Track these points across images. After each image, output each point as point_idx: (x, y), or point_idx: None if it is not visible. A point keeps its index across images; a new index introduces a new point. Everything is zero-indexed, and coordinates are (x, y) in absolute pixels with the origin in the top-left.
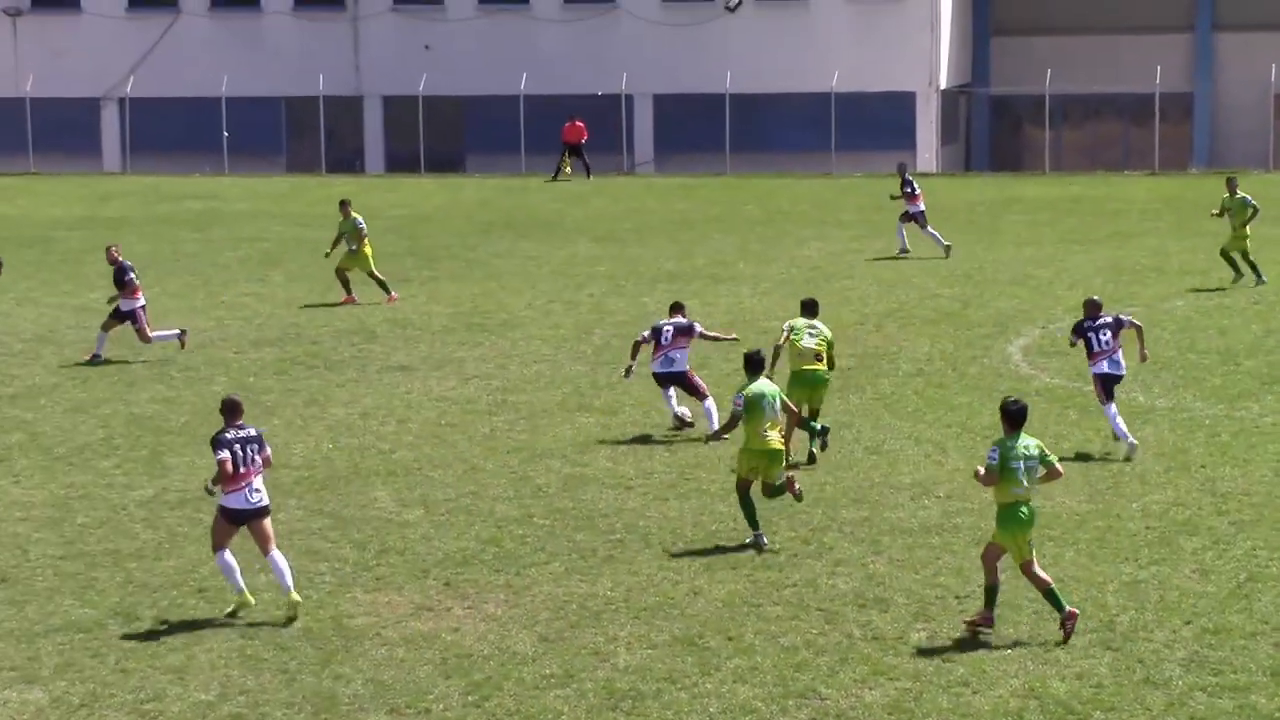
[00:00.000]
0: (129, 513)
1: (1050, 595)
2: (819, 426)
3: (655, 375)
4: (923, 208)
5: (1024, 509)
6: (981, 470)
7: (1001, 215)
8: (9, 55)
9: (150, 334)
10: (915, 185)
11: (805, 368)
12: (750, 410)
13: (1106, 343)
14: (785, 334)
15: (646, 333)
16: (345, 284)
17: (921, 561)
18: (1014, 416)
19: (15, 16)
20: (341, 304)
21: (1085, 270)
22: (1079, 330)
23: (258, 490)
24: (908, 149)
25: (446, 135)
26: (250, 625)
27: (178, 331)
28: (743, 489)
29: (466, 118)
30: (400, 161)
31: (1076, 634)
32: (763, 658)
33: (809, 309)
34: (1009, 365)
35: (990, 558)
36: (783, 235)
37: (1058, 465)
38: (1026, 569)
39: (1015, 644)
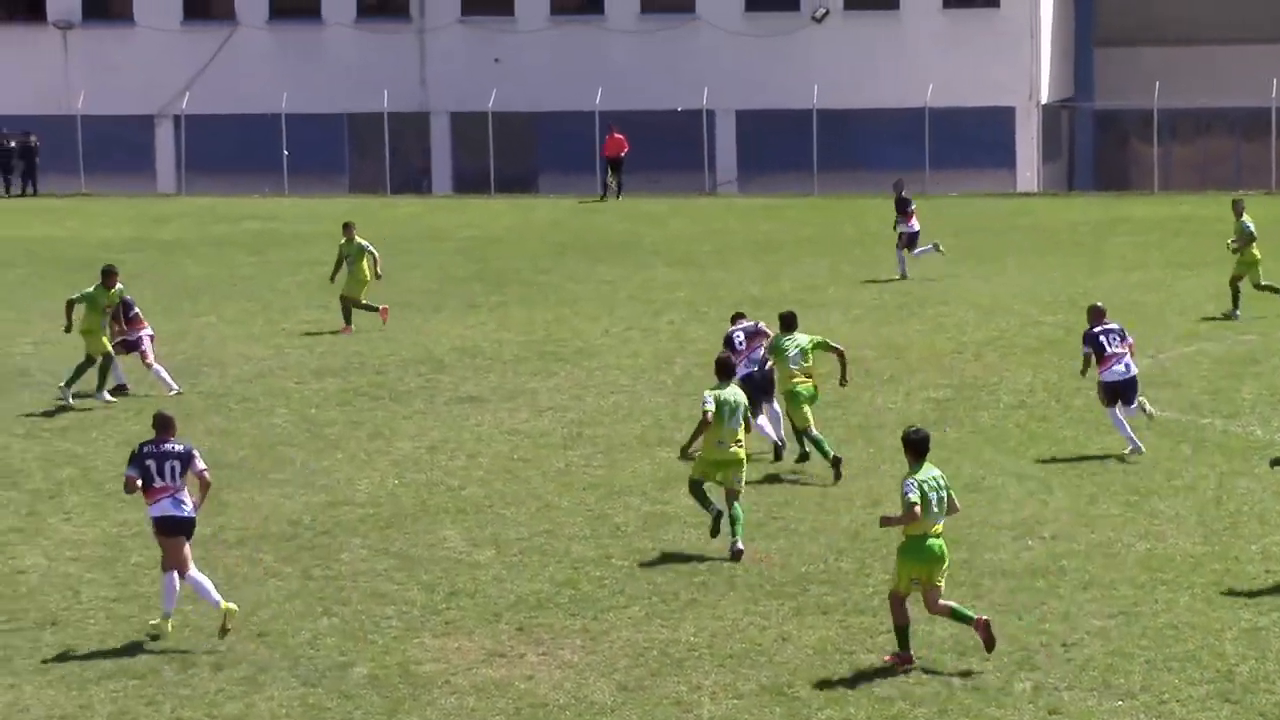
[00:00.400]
0: None
1: (902, 632)
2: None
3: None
4: (916, 229)
5: (932, 541)
6: (894, 515)
7: (1107, 237)
8: (59, 71)
9: (153, 362)
10: (911, 204)
11: (798, 386)
12: (714, 415)
13: (1116, 345)
14: (770, 353)
15: (726, 349)
16: (368, 308)
17: (1025, 606)
18: (918, 446)
19: (66, 30)
20: (383, 324)
21: (1196, 295)
22: (1089, 339)
23: (179, 503)
24: (1007, 167)
25: (517, 153)
26: (313, 672)
27: (176, 388)
28: (694, 484)
29: (538, 134)
30: (469, 181)
31: (1193, 684)
32: (856, 709)
33: (788, 324)
34: None
35: (895, 600)
36: (875, 258)
37: (957, 501)
38: (895, 597)
39: (1127, 695)
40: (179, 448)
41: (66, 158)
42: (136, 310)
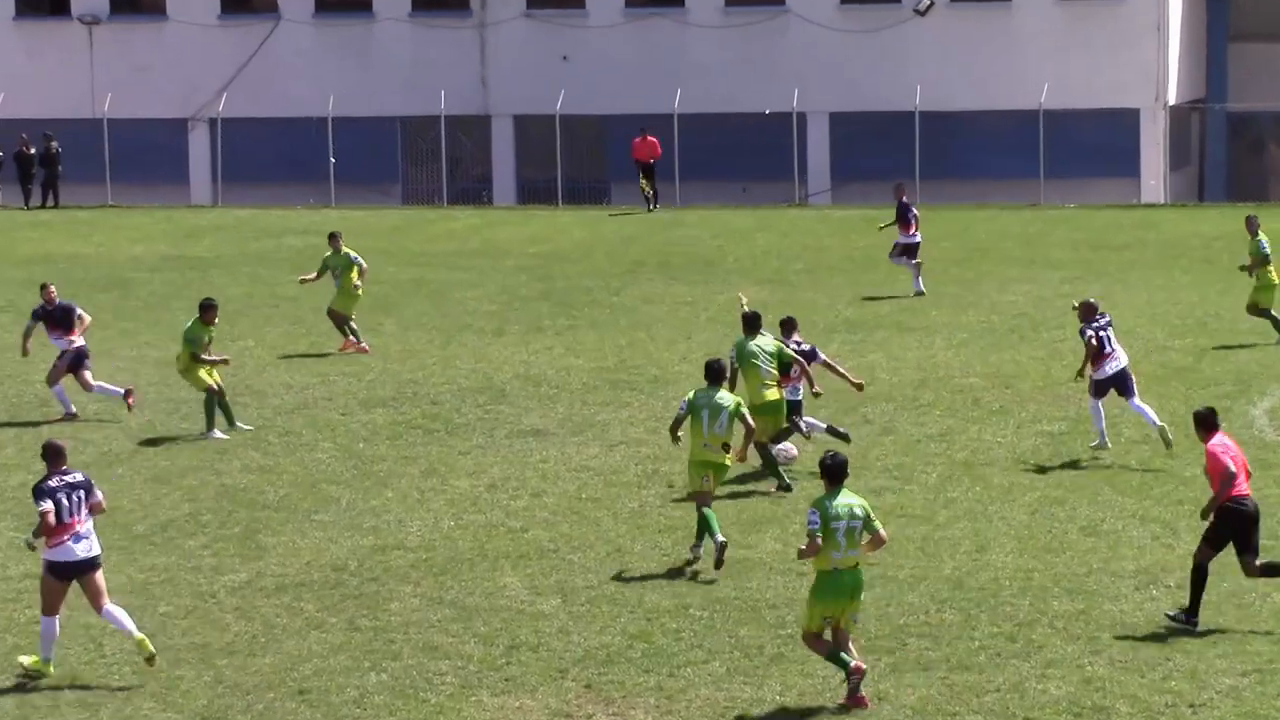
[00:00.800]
0: (218, 601)
1: (835, 657)
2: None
3: (790, 404)
4: (918, 239)
5: (847, 576)
6: (803, 545)
7: (1242, 252)
8: (84, 70)
9: (57, 382)
10: (913, 212)
11: (769, 398)
12: (691, 415)
13: (1114, 340)
14: (731, 358)
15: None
16: (341, 328)
17: (1148, 662)
18: (832, 472)
19: (92, 25)
20: (343, 350)
21: None
22: (1087, 334)
23: (86, 539)
24: (1130, 175)
25: (587, 161)
26: None
27: (70, 409)
28: (699, 502)
29: (610, 140)
30: (534, 191)
31: None
32: None
33: (751, 325)
34: (1252, 430)
35: (811, 640)
36: (982, 277)
37: (882, 531)
38: (809, 637)
39: None
40: (79, 477)
41: (92, 166)
42: (80, 313)
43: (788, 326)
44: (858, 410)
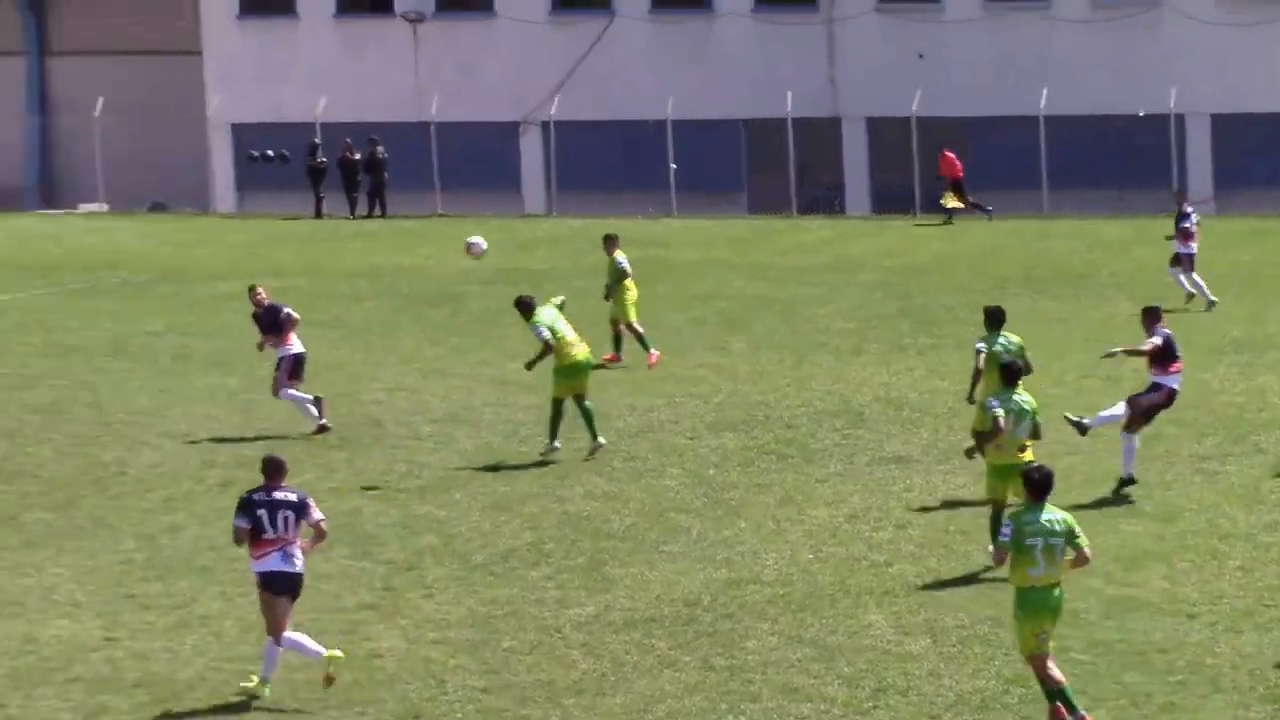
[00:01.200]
0: (564, 636)
1: (1062, 695)
2: None
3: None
4: (1193, 250)
5: (1049, 595)
6: (991, 548)
7: None
8: (409, 70)
9: (282, 390)
10: (1192, 221)
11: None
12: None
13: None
14: (977, 356)
15: (1158, 340)
16: (639, 338)
17: None
18: (1037, 485)
19: (416, 23)
20: (609, 360)
21: None
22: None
23: (294, 557)
24: None
25: None
26: None
27: (313, 399)
28: (995, 509)
29: (971, 144)
30: (889, 199)
31: None
32: None
33: (994, 320)
34: None
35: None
36: None
37: (1087, 550)
38: (1035, 661)
39: None
40: (293, 496)
41: (419, 172)
42: (288, 311)
43: (1151, 315)
44: (1248, 439)
